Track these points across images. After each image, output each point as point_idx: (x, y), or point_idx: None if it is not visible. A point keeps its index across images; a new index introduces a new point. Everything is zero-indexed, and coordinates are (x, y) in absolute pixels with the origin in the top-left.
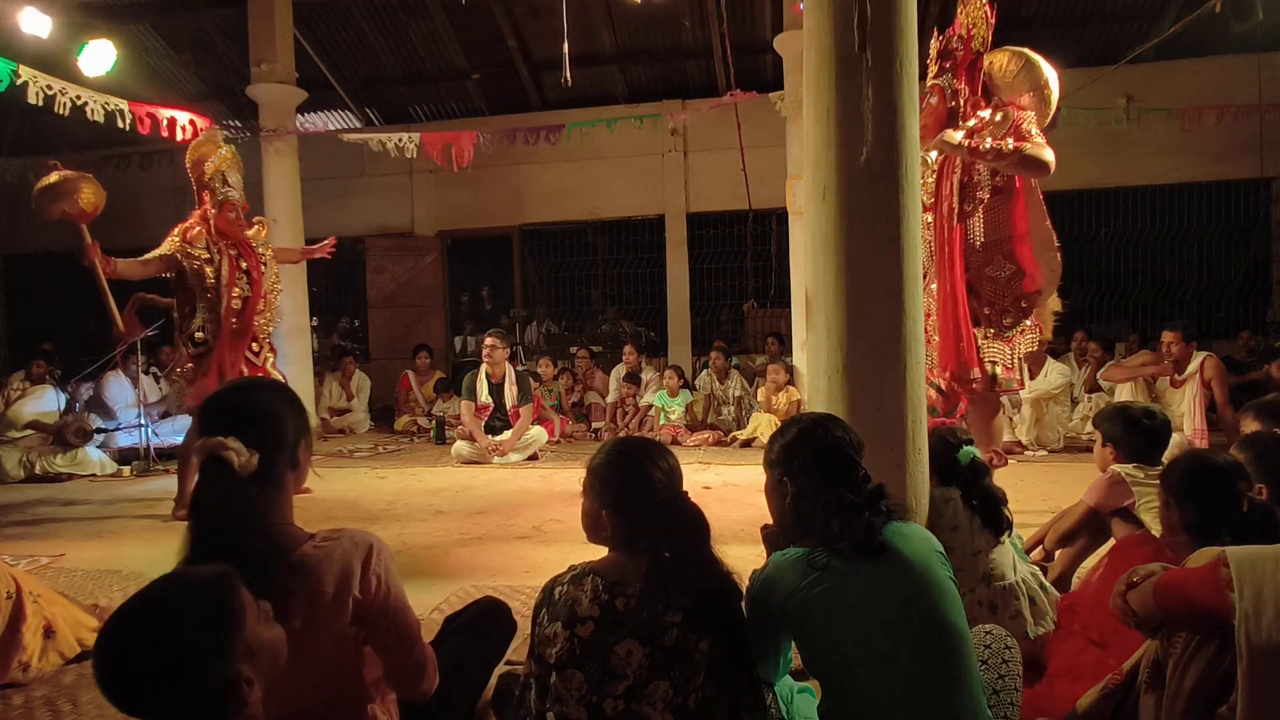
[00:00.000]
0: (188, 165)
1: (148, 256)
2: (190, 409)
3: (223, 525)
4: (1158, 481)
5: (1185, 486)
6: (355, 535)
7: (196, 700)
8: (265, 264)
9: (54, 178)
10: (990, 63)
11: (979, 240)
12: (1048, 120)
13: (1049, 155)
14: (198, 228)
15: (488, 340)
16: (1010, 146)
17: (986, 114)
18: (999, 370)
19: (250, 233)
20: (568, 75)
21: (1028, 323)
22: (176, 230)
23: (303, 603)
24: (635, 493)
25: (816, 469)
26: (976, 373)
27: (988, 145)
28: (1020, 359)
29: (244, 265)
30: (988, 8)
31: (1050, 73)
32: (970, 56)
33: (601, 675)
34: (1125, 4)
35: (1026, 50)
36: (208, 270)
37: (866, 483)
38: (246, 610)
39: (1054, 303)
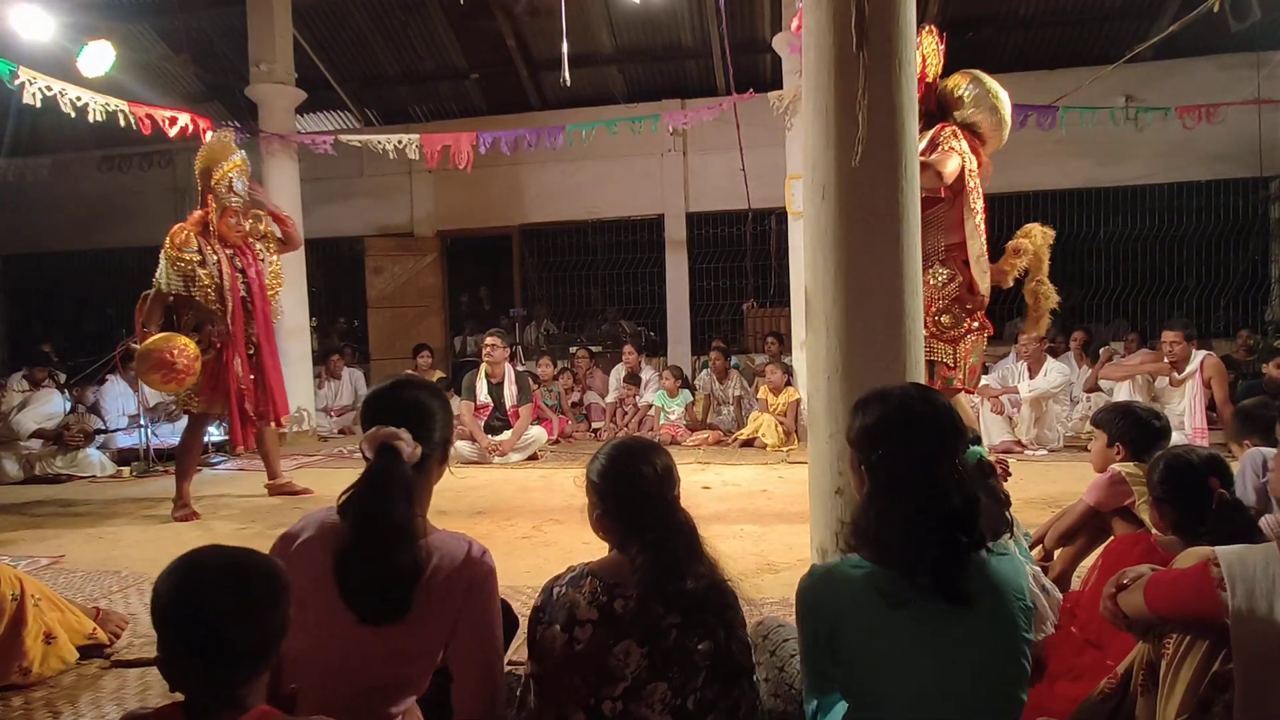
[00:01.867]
0: (196, 167)
1: (150, 305)
2: (189, 411)
3: (388, 504)
4: None
5: (1162, 486)
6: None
7: (255, 636)
8: (263, 259)
9: (157, 350)
10: (945, 85)
11: None
12: (1005, 133)
13: (947, 166)
14: (186, 231)
15: (488, 340)
16: None
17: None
18: (941, 370)
19: (249, 224)
20: (567, 75)
21: (974, 324)
22: (166, 241)
23: (437, 580)
24: (626, 496)
25: (898, 469)
26: None
27: None
28: (968, 360)
29: (239, 265)
30: (938, 39)
31: (1001, 92)
32: (924, 78)
33: (599, 677)
34: (1124, 4)
35: (977, 71)
36: (200, 272)
37: (961, 491)
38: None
39: (1051, 300)
